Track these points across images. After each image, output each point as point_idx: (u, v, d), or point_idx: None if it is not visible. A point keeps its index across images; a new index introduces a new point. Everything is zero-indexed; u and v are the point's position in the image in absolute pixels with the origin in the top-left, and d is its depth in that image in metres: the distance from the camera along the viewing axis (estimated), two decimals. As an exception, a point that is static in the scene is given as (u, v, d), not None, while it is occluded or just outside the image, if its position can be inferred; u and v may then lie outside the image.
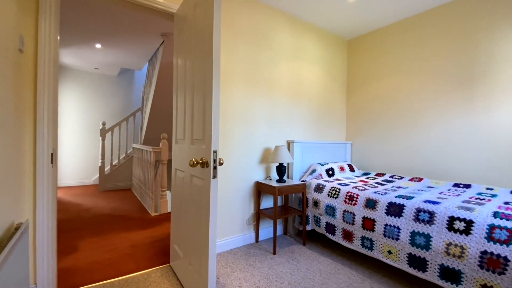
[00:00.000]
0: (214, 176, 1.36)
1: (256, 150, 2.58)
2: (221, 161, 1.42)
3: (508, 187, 2.15)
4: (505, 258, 1.33)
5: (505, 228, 1.38)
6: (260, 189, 2.50)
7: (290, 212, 2.47)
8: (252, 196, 2.57)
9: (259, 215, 2.54)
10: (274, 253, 2.29)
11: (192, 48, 1.62)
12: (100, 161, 4.88)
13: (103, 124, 4.82)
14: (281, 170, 2.50)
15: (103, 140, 4.83)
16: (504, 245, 1.35)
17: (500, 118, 2.20)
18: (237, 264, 2.09)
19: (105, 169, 5.48)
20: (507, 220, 1.42)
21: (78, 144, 5.37)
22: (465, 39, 2.41)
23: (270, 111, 2.68)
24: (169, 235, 2.70)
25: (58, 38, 1.47)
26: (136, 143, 5.61)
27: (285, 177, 2.78)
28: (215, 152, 1.35)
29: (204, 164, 1.39)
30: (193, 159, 1.40)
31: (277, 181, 2.50)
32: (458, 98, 2.45)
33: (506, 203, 1.71)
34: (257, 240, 2.55)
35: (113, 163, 5.56)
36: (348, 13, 2.76)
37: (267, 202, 2.68)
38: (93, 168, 5.53)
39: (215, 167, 1.35)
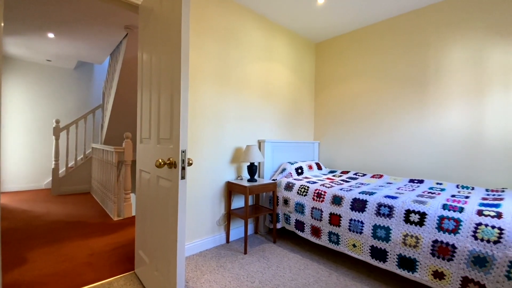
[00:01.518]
0: (183, 177, 1.30)
1: (227, 149, 2.55)
2: (190, 161, 1.38)
3: (454, 181, 2.41)
4: (453, 245, 1.48)
5: (452, 218, 1.54)
6: (231, 189, 2.47)
7: (261, 211, 2.48)
8: (223, 196, 2.53)
9: (230, 215, 2.51)
10: (245, 252, 2.28)
11: (159, 43, 1.54)
12: (53, 162, 4.43)
13: (57, 122, 4.39)
14: (252, 169, 2.50)
15: (57, 139, 4.39)
16: (452, 234, 1.50)
17: (447, 122, 2.45)
18: (207, 267, 2.05)
19: (60, 172, 5.00)
20: (454, 211, 1.58)
21: (28, 144, 4.82)
22: (417, 49, 2.63)
23: (241, 110, 2.66)
24: (134, 240, 2.55)
25: (2, 24, 1.29)
26: (96, 143, 5.20)
27: (256, 176, 2.79)
28: (183, 152, 1.30)
29: (172, 165, 1.33)
30: (160, 160, 1.33)
31: (248, 180, 2.50)
32: (413, 102, 2.67)
33: (453, 196, 1.91)
34: (227, 241, 2.52)
35: (69, 165, 5.09)
36: (316, 17, 2.85)
37: (238, 202, 2.66)
38: (46, 170, 5.01)
39: (183, 168, 1.30)
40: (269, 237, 2.67)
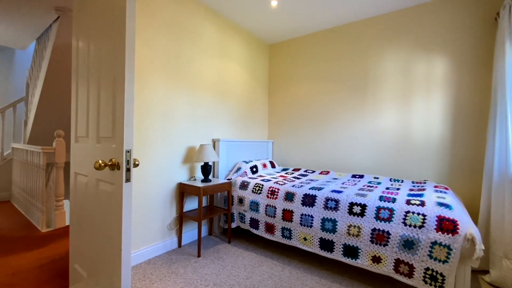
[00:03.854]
0: (128, 180, 1.18)
1: (179, 149, 2.43)
2: (136, 162, 1.26)
3: (388, 175, 2.73)
4: (388, 232, 1.67)
5: (387, 208, 1.74)
6: (183, 191, 2.36)
7: (215, 211, 2.43)
8: (174, 198, 2.40)
9: (182, 218, 2.39)
10: (199, 255, 2.20)
11: (99, 30, 1.37)
12: (-44, 166, 3.61)
13: (-38, 116, 3.59)
14: (207, 169, 2.43)
15: (-38, 138, 3.59)
16: (387, 222, 1.69)
17: (382, 123, 2.77)
18: (157, 274, 1.91)
19: (-33, 177, 4.10)
20: (388, 202, 1.79)
21: None
22: (359, 57, 2.91)
23: (194, 108, 2.56)
24: (68, 253, 2.23)
25: None
26: (17, 143, 4.41)
27: (210, 176, 2.72)
28: (128, 152, 1.18)
29: (115, 166, 1.20)
30: (100, 161, 1.18)
31: (202, 181, 2.42)
32: (355, 105, 2.94)
33: (387, 188, 2.15)
34: (180, 245, 2.40)
35: (-19, 169, 4.21)
36: (270, 18, 2.91)
37: (191, 204, 2.56)
38: None
39: (128, 169, 1.18)
40: (224, 238, 2.64)
